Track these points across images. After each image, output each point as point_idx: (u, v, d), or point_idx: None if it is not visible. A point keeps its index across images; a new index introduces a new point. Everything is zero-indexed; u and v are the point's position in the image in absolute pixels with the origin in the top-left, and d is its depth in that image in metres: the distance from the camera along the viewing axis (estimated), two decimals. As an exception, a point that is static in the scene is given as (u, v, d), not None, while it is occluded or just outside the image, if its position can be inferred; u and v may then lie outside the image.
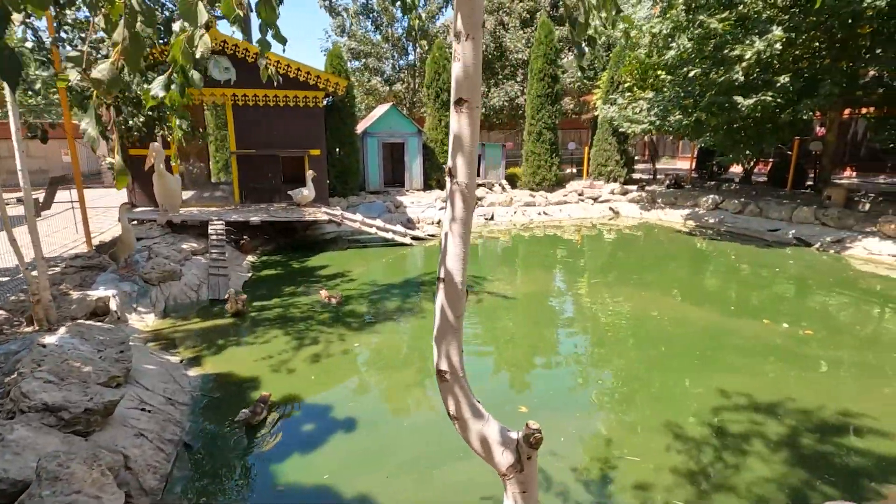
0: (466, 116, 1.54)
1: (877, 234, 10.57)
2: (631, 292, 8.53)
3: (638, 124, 13.95)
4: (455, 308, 1.64)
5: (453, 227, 1.58)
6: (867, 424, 4.44)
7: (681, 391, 5.12)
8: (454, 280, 1.61)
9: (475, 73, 1.51)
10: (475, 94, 1.55)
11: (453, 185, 1.55)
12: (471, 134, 1.52)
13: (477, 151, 1.63)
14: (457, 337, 1.68)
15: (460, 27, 1.40)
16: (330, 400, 4.95)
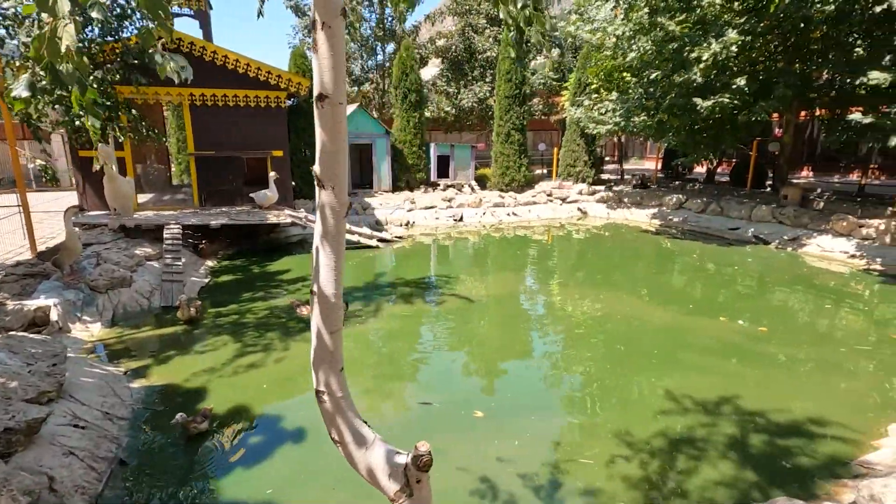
0: (329, 115, 1.39)
1: (829, 231, 10.92)
2: (595, 292, 8.58)
3: (603, 125, 14.11)
4: (330, 323, 1.53)
5: (324, 239, 1.45)
6: (817, 420, 4.51)
7: (638, 392, 5.13)
8: (327, 294, 1.49)
9: (335, 65, 1.37)
10: (338, 89, 1.39)
11: (321, 193, 1.42)
12: (335, 135, 1.38)
13: (445, 152, 1.51)
14: (334, 355, 1.57)
15: (317, 15, 1.28)
16: (280, 410, 4.78)
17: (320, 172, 1.39)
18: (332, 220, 1.42)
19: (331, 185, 1.39)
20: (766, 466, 3.90)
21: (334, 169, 1.38)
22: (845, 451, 4.06)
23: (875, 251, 9.83)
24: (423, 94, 16.86)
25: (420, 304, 7.87)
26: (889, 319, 7.22)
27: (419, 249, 12.25)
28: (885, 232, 9.95)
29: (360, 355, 6.14)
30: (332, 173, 1.38)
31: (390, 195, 15.74)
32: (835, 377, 5.35)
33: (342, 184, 1.41)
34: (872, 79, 8.24)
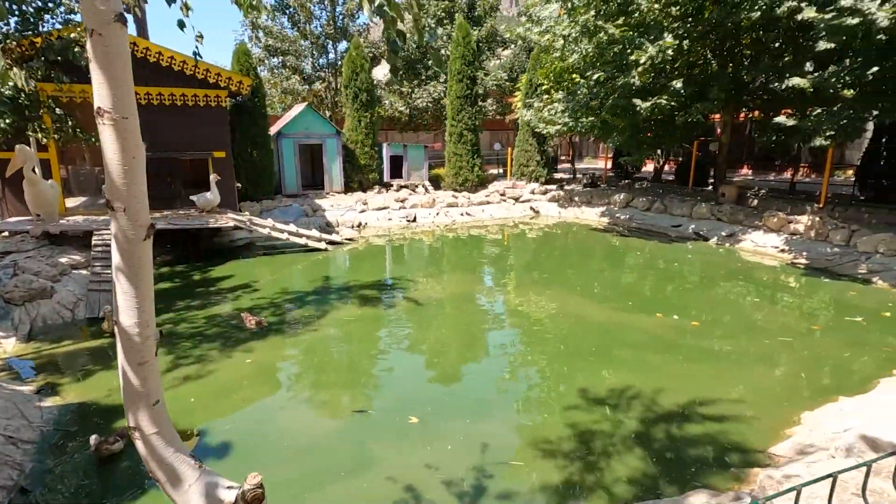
0: (110, 130, 1.27)
1: (762, 227, 11.49)
2: (543, 292, 8.70)
3: (553, 125, 14.34)
4: (134, 356, 1.42)
5: (120, 270, 1.32)
6: (738, 412, 4.69)
7: (573, 391, 5.20)
8: (126, 327, 1.38)
9: (114, 76, 1.24)
10: (120, 102, 1.26)
11: (112, 218, 1.30)
12: (124, 151, 1.26)
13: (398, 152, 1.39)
14: (145, 389, 1.47)
15: (87, 23, 1.17)
16: (206, 425, 4.57)
17: (108, 193, 1.28)
18: (128, 247, 1.31)
19: (122, 207, 1.28)
20: (687, 459, 4.03)
21: (127, 189, 1.28)
22: (761, 441, 4.24)
23: (801, 246, 10.41)
24: (374, 93, 16.67)
25: (369, 307, 7.75)
26: (810, 311, 7.65)
27: (371, 251, 12.10)
28: (810, 227, 10.55)
29: (302, 363, 5.98)
30: (124, 194, 1.28)
31: (342, 196, 15.48)
32: (758, 368, 5.60)
33: (138, 204, 1.31)
34: (794, 83, 8.69)
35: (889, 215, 10.49)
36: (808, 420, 4.49)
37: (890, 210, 10.76)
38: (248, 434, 4.45)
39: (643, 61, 9.94)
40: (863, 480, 1.80)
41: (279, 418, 4.76)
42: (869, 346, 6.09)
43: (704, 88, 11.05)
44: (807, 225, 10.62)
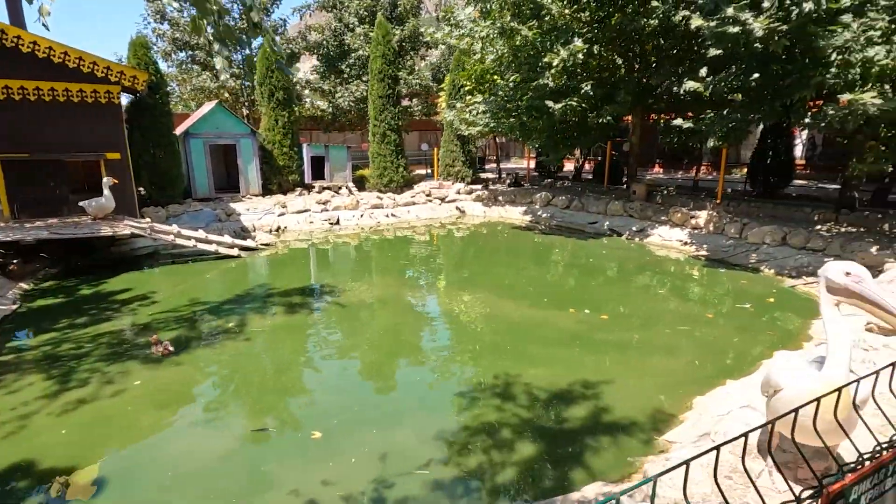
0: None
1: (668, 222, 12.25)
2: (465, 292, 8.70)
3: (475, 126, 14.47)
4: None
5: None
6: (638, 402, 4.87)
7: (484, 391, 5.18)
8: None
9: None
10: None
11: None
12: None
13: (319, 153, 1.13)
14: None
15: None
16: (79, 458, 4.07)
17: None
18: None
19: None
20: (589, 452, 4.11)
21: None
22: (657, 429, 4.42)
23: (702, 239, 11.20)
24: (292, 91, 16.02)
25: (282, 317, 7.35)
26: (707, 300, 8.20)
27: (291, 256, 11.57)
28: (708, 222, 11.38)
29: (200, 382, 5.52)
30: None
31: (260, 199, 14.73)
32: (658, 357, 5.88)
33: None
34: (689, 88, 9.30)
35: (774, 209, 11.54)
36: (699, 405, 4.74)
37: (775, 204, 11.84)
38: (128, 464, 4.01)
39: (556, 64, 10.24)
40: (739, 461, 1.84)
41: (167, 444, 4.34)
42: (755, 331, 6.59)
43: (613, 91, 11.60)
44: (706, 219, 11.44)
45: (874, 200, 11.91)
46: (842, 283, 2.36)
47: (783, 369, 2.73)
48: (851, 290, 2.35)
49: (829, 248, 9.11)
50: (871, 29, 6.96)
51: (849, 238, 9.15)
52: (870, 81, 7.42)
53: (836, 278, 2.38)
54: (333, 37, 19.64)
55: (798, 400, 2.44)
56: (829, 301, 2.46)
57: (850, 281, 2.35)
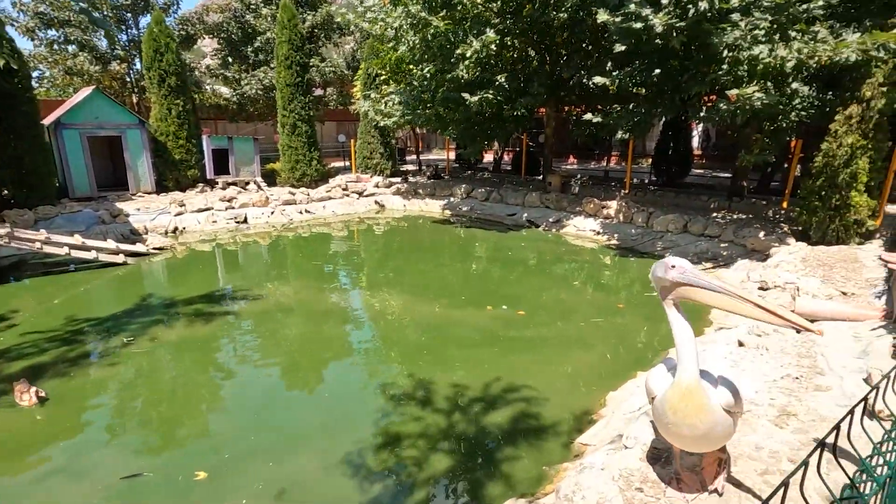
0: None
1: (582, 213, 12.58)
2: (380, 293, 8.30)
3: (390, 118, 13.96)
4: None
5: None
6: (551, 403, 4.78)
7: (394, 402, 4.86)
8: None
9: None
10: None
11: None
12: None
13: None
14: None
15: None
16: None
17: None
18: None
19: None
20: (504, 463, 3.92)
21: None
22: (571, 431, 4.34)
23: (613, 228, 11.61)
24: (186, 77, 14.56)
25: (173, 331, 6.53)
26: (618, 290, 8.44)
27: (190, 260, 10.47)
28: (618, 211, 11.81)
29: (66, 420, 4.67)
30: None
31: (154, 197, 13.28)
32: (573, 353, 5.87)
33: None
34: (596, 81, 9.48)
35: (676, 198, 12.23)
36: (611, 401, 4.74)
37: (676, 193, 12.55)
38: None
39: (469, 55, 10.02)
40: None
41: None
42: (661, 319, 6.76)
43: (527, 84, 11.62)
44: (616, 209, 11.87)
45: (759, 188, 13.02)
46: (669, 277, 2.27)
47: (657, 375, 2.65)
48: (679, 282, 2.26)
49: (724, 234, 9.75)
50: (757, 28, 7.39)
51: (740, 224, 9.85)
52: (755, 78, 7.91)
53: (663, 274, 2.29)
54: (234, 18, 18.13)
55: (662, 407, 2.39)
56: (668, 301, 2.35)
57: (675, 274, 2.26)
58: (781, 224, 9.48)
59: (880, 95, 7.50)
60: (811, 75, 8.81)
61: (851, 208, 7.84)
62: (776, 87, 8.30)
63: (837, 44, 6.99)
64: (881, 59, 7.18)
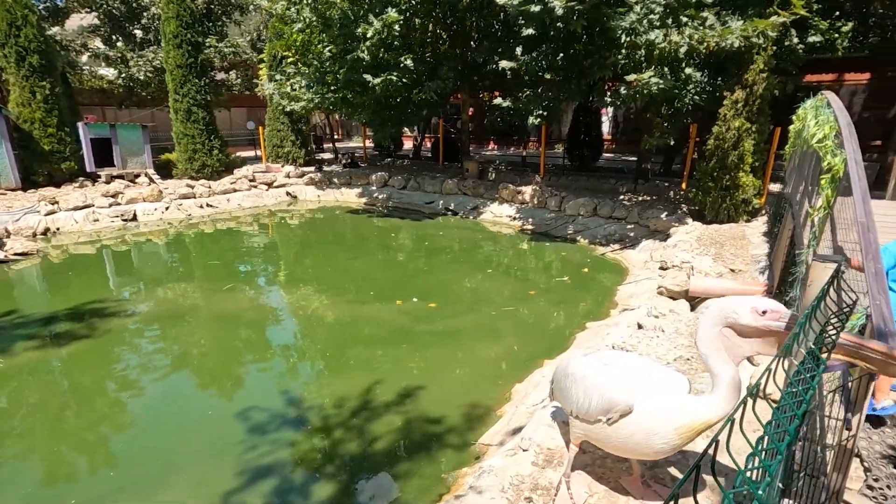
0: None
1: (498, 199, 12.55)
2: (285, 291, 7.68)
3: (298, 102, 13.07)
4: None
5: None
6: (458, 401, 4.54)
7: (291, 414, 4.40)
8: None
9: None
10: None
11: None
12: None
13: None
14: None
15: None
16: None
17: None
18: None
19: None
20: (408, 472, 3.62)
21: None
22: (475, 431, 4.12)
23: (528, 213, 11.66)
24: (55, 55, 12.74)
25: (31, 352, 5.55)
26: (529, 277, 8.41)
27: (64, 266, 9.15)
28: (533, 196, 11.88)
29: None
30: None
31: (19, 195, 11.54)
32: (481, 344, 5.68)
33: None
34: (503, 66, 9.33)
35: (587, 182, 12.52)
36: (516, 394, 4.59)
37: (588, 177, 12.86)
38: None
39: (370, 35, 9.48)
40: None
41: None
42: (571, 304, 6.84)
43: (437, 67, 11.28)
44: (531, 194, 11.93)
45: (663, 170, 13.67)
46: (758, 325, 1.70)
47: (623, 386, 2.16)
48: (774, 331, 1.71)
49: (630, 216, 10.07)
50: (651, 13, 7.52)
51: (645, 206, 10.21)
52: (652, 63, 8.10)
53: (747, 320, 1.72)
54: (115, -9, 16.16)
55: (663, 430, 1.95)
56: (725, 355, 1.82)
57: (771, 321, 1.68)
58: (682, 205, 9.93)
59: (761, 81, 7.95)
60: (703, 61, 9.21)
61: (740, 188, 8.31)
62: (672, 73, 8.57)
63: (723, 30, 7.27)
64: (761, 46, 7.58)
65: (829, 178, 3.12)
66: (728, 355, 1.79)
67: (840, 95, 17.08)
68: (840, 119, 3.46)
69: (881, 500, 2.30)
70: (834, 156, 3.20)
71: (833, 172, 3.09)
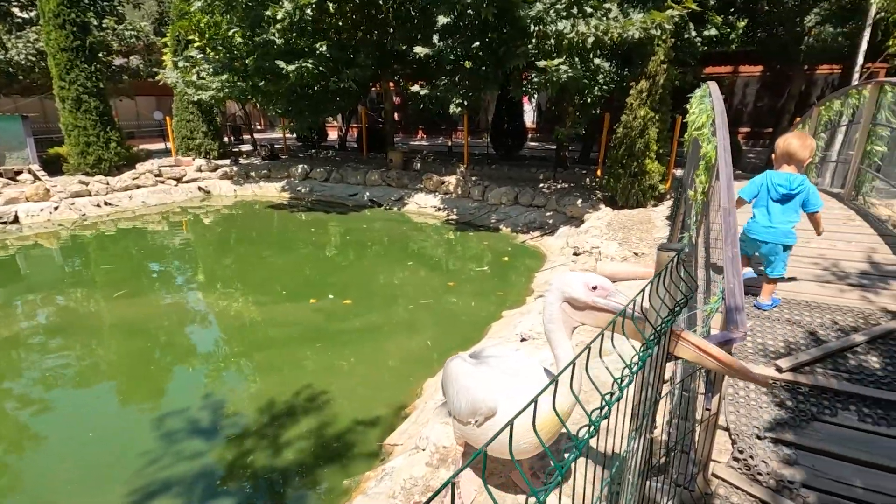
0: None
1: (423, 189, 12.43)
2: (188, 295, 7.12)
3: (205, 91, 12.18)
4: None
5: None
6: (370, 400, 4.40)
7: (190, 430, 4.05)
8: None
9: None
10: None
11: None
12: None
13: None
14: None
15: None
16: None
17: None
18: None
19: None
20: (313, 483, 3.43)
21: None
22: (382, 432, 4.00)
23: (452, 203, 11.64)
24: None
25: None
26: (450, 268, 8.39)
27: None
28: (457, 186, 11.87)
29: None
30: None
31: None
32: (396, 340, 5.56)
33: None
34: (417, 52, 9.16)
35: (509, 171, 12.68)
36: (427, 389, 4.51)
37: (510, 166, 13.04)
38: None
39: (280, 17, 8.95)
40: None
41: None
42: (488, 294, 6.87)
43: (355, 54, 10.89)
44: (454, 184, 11.91)
45: (581, 158, 14.15)
46: (587, 299, 1.70)
47: (488, 387, 2.09)
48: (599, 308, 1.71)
49: (549, 203, 10.31)
50: (558, 2, 7.63)
51: (563, 193, 10.49)
52: (562, 53, 8.25)
53: (579, 294, 1.71)
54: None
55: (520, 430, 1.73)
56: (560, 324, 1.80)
57: (598, 297, 1.70)
58: (596, 192, 10.30)
59: (662, 71, 8.33)
60: (610, 52, 9.53)
61: (647, 174, 8.71)
62: (582, 63, 8.79)
63: (625, 22, 7.52)
64: (660, 38, 7.93)
65: (704, 164, 3.25)
66: (567, 331, 1.81)
67: (736, 87, 18.51)
68: (716, 107, 3.62)
69: (745, 470, 2.42)
70: (709, 143, 3.33)
71: (706, 159, 3.22)
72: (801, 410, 2.54)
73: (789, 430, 2.45)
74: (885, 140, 4.94)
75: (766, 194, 3.34)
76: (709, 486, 2.27)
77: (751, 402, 2.65)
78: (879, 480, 2.12)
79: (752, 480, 2.29)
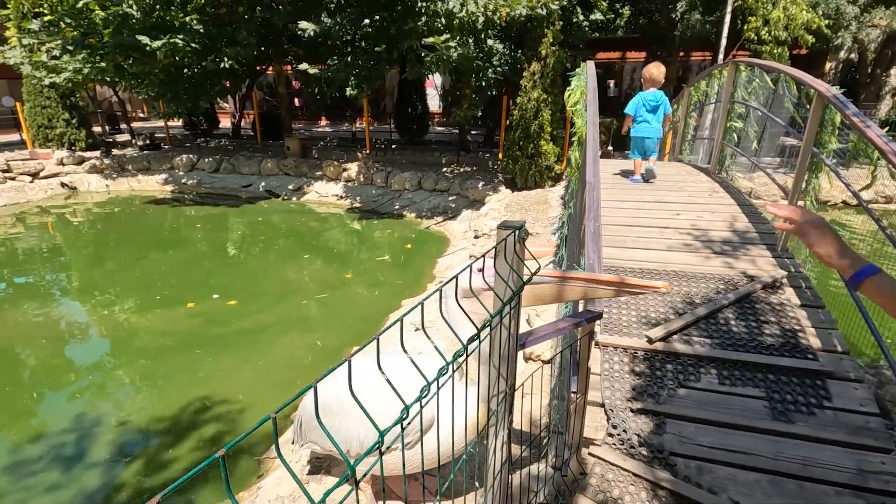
0: None
1: (323, 177, 11.83)
2: (40, 309, 6.09)
3: (59, 73, 10.55)
4: None
5: None
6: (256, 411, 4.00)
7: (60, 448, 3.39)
8: None
9: None
10: None
11: None
12: None
13: None
14: None
15: None
16: None
17: None
18: None
19: None
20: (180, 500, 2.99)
21: None
22: (267, 444, 3.64)
23: (355, 191, 11.19)
24: None
25: None
26: (348, 258, 8.02)
27: None
28: (359, 173, 11.42)
29: None
30: None
31: None
32: (285, 341, 5.14)
33: None
34: (303, 27, 8.57)
35: (413, 155, 12.45)
36: (317, 392, 4.19)
37: (414, 151, 12.80)
38: None
39: (137, -14, 7.89)
40: None
41: None
42: (388, 285, 6.62)
43: (236, 32, 9.96)
44: (356, 171, 11.45)
45: (485, 142, 14.26)
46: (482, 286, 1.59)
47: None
48: None
49: (452, 187, 10.23)
50: (444, -20, 7.43)
51: (465, 177, 10.45)
52: (454, 32, 8.10)
53: (477, 284, 1.60)
54: None
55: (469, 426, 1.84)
56: None
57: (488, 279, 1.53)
58: (498, 174, 10.37)
59: (552, 54, 8.49)
60: (503, 33, 9.56)
61: (543, 155, 8.89)
62: (476, 45, 8.71)
63: (512, 1, 7.51)
64: (548, 19, 8.04)
65: (577, 139, 3.21)
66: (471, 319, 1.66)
67: (625, 72, 19.68)
68: (588, 84, 3.60)
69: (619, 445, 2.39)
70: (581, 118, 3.30)
71: (578, 135, 3.17)
72: (669, 379, 2.58)
73: (660, 399, 2.47)
74: (742, 117, 5.34)
75: (643, 107, 5.22)
76: (583, 467, 2.21)
77: (625, 377, 2.65)
78: (730, 439, 2.18)
79: (627, 455, 2.27)
